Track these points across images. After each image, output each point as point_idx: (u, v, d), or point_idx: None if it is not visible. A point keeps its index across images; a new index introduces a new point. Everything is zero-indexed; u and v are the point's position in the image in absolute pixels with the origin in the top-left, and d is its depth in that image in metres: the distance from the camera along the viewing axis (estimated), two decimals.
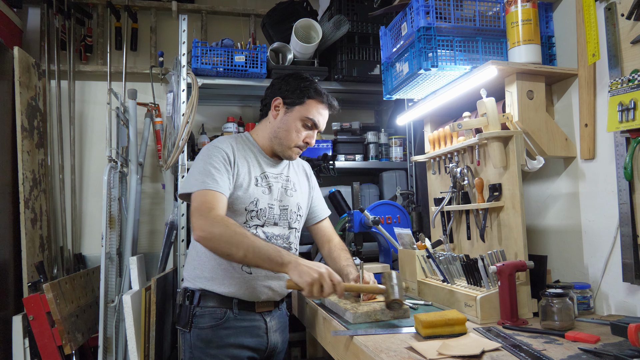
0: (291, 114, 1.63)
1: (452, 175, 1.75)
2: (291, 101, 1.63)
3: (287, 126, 1.63)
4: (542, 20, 1.65)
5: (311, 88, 1.64)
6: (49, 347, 2.09)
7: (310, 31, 2.54)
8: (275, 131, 1.65)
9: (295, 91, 1.63)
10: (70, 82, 2.86)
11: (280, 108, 1.65)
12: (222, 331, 1.53)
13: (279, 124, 1.64)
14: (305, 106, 1.63)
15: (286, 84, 1.66)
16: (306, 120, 1.63)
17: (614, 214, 1.40)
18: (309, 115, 1.63)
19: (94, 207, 2.86)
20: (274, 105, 1.66)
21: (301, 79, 1.66)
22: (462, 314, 1.24)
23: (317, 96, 1.64)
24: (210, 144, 1.61)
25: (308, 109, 1.63)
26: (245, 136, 1.72)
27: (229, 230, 1.37)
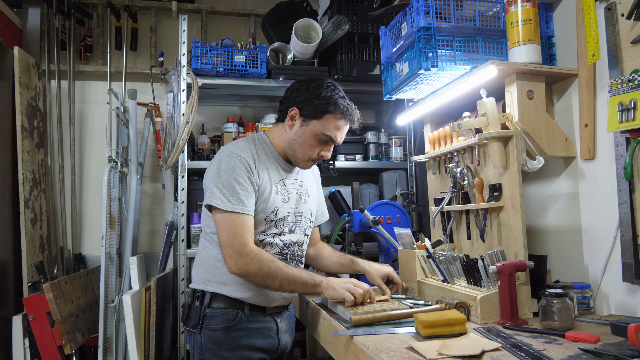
0: (307, 128, 1.55)
1: (452, 175, 1.75)
2: (308, 114, 1.54)
3: (302, 139, 1.56)
4: (542, 20, 1.65)
5: (330, 102, 1.53)
6: (49, 347, 2.09)
7: (310, 31, 2.54)
8: (290, 142, 1.58)
9: (313, 103, 1.53)
10: (70, 82, 2.86)
11: (297, 119, 1.56)
12: (234, 332, 1.51)
13: (294, 136, 1.57)
14: (322, 121, 1.53)
15: (305, 92, 1.55)
16: (322, 136, 1.55)
17: (614, 214, 1.40)
18: (326, 132, 1.54)
19: (94, 207, 2.86)
20: (290, 114, 1.57)
21: (321, 88, 1.55)
22: (462, 314, 1.24)
23: (336, 111, 1.53)
24: (231, 152, 1.52)
25: (325, 125, 1.54)
26: (263, 139, 1.64)
27: (264, 267, 1.42)
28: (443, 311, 1.29)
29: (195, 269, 1.62)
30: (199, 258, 1.62)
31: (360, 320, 1.35)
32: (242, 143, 1.57)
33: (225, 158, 1.50)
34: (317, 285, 1.49)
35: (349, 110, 1.56)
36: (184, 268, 2.31)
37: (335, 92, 1.56)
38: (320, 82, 1.57)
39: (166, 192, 2.92)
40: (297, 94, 1.57)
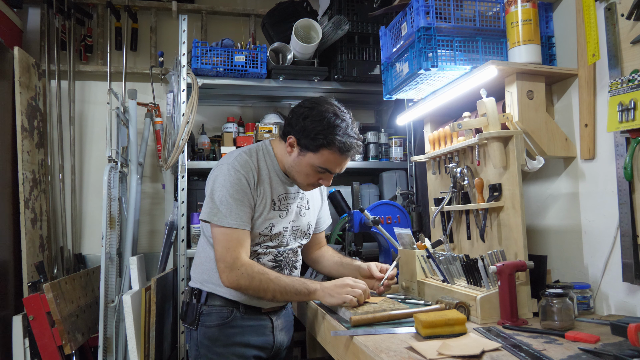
0: (303, 158, 1.51)
1: (452, 175, 1.75)
2: (305, 145, 1.49)
3: (299, 168, 1.53)
4: (542, 20, 1.65)
5: (327, 139, 1.45)
6: (49, 347, 2.09)
7: (310, 31, 2.54)
8: (290, 166, 1.56)
9: (309, 135, 1.47)
10: (70, 82, 2.86)
11: (294, 148, 1.53)
12: (228, 330, 1.54)
13: (291, 163, 1.55)
14: (318, 155, 1.48)
15: (304, 121, 1.48)
16: (319, 168, 1.52)
17: (614, 214, 1.40)
18: (322, 166, 1.50)
19: (94, 207, 2.86)
20: (289, 142, 1.53)
21: (321, 119, 1.46)
22: (462, 314, 1.24)
23: (332, 148, 1.46)
24: (231, 166, 1.50)
25: (321, 159, 1.49)
26: (267, 150, 1.61)
27: (254, 281, 1.44)
28: (443, 311, 1.29)
29: (194, 268, 1.65)
30: (198, 258, 1.65)
31: (361, 320, 1.35)
32: (244, 157, 1.54)
33: (225, 172, 1.50)
34: (311, 293, 1.50)
35: (346, 146, 1.47)
36: (184, 268, 2.31)
37: (336, 123, 1.46)
38: (321, 110, 1.48)
39: (166, 192, 2.93)
40: (297, 122, 1.51)
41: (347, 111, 1.53)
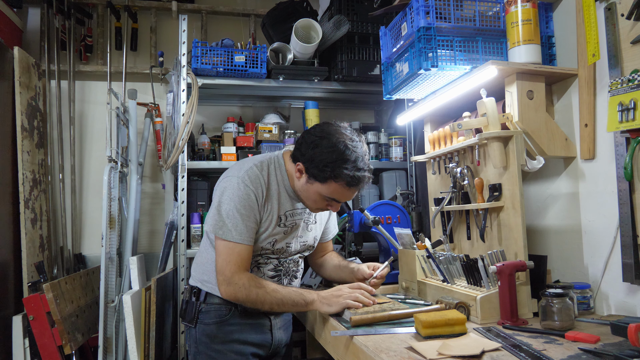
0: (311, 186, 1.50)
1: (452, 175, 1.75)
2: (312, 174, 1.47)
3: (307, 194, 1.53)
4: (542, 20, 1.65)
5: (335, 171, 1.42)
6: (49, 347, 2.09)
7: (310, 31, 2.54)
8: (299, 190, 1.55)
9: (317, 166, 1.44)
10: (70, 82, 2.86)
11: (303, 174, 1.51)
12: (226, 327, 1.56)
13: (300, 187, 1.54)
14: (325, 186, 1.47)
15: (313, 150, 1.46)
16: (327, 198, 1.52)
17: (614, 214, 1.40)
18: (329, 195, 1.50)
19: (94, 207, 2.86)
20: (297, 168, 1.52)
21: (332, 150, 1.43)
22: (462, 314, 1.24)
23: (339, 180, 1.44)
24: (242, 180, 1.49)
25: (328, 190, 1.48)
26: (279, 163, 1.58)
27: (251, 294, 1.46)
28: (443, 311, 1.29)
29: (195, 266, 1.67)
30: (200, 257, 1.66)
31: (361, 320, 1.35)
32: (255, 171, 1.52)
33: (235, 185, 1.49)
34: (309, 303, 1.50)
35: (354, 180, 1.44)
36: (184, 268, 2.31)
37: (346, 156, 1.42)
38: (332, 142, 1.44)
39: (166, 192, 2.92)
40: (306, 150, 1.48)
41: (359, 139, 1.48)
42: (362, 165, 1.45)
